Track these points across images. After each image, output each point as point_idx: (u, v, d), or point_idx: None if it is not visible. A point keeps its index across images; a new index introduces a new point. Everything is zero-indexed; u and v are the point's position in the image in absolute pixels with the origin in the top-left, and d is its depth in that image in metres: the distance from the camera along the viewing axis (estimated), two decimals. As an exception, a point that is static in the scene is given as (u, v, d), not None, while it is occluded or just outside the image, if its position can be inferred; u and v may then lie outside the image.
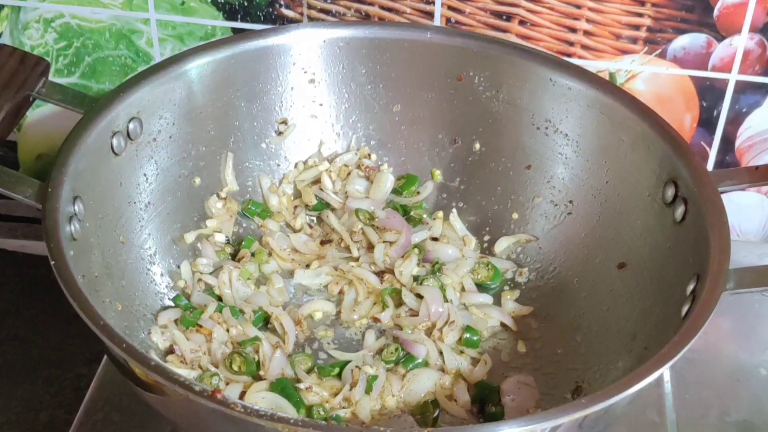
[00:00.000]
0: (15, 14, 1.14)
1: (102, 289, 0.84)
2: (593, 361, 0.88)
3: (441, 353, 0.90)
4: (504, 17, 1.07)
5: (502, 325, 0.95)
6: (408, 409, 0.87)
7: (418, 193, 1.05)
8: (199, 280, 0.97)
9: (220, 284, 0.96)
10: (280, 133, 1.04)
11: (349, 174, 1.05)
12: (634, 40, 1.06)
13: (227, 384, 0.87)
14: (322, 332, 0.95)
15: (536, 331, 0.95)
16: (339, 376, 0.89)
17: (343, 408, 0.85)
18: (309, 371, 0.90)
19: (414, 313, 0.94)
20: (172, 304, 0.94)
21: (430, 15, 1.08)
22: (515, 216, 1.01)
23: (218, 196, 1.01)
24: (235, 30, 1.10)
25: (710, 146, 1.11)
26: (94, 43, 1.14)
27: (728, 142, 1.10)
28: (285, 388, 0.86)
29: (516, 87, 0.99)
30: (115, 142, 0.90)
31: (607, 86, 0.95)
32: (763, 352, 1.05)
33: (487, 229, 1.03)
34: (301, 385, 0.87)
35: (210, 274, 0.98)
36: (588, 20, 1.06)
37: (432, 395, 0.88)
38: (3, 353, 1.08)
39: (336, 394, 0.87)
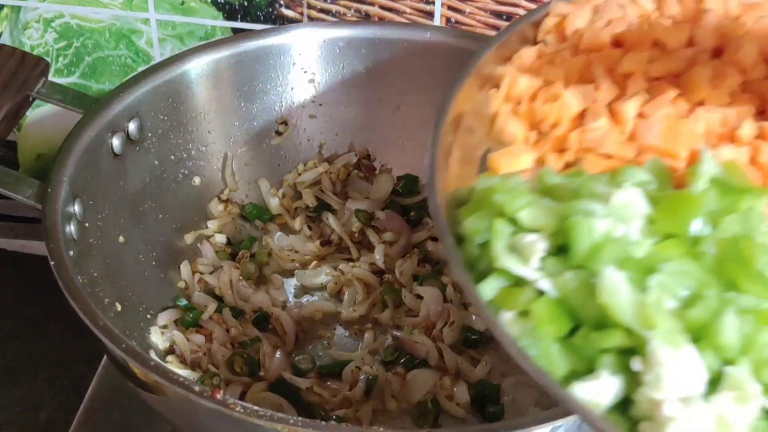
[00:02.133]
0: (15, 14, 1.14)
1: (102, 289, 0.84)
2: (593, 361, 0.88)
3: (441, 353, 0.90)
4: (504, 17, 1.07)
5: (502, 325, 0.95)
6: (408, 409, 0.87)
7: (418, 193, 1.05)
8: (200, 280, 0.97)
9: (221, 284, 0.96)
10: (280, 134, 1.04)
11: (348, 175, 1.05)
12: (634, 40, 1.06)
13: (227, 384, 0.87)
14: (322, 332, 0.95)
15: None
16: (339, 376, 0.89)
17: (343, 408, 0.85)
18: (309, 371, 0.90)
19: (414, 314, 0.94)
20: (172, 305, 0.94)
21: (430, 15, 1.08)
22: (515, 216, 1.01)
23: (219, 199, 1.01)
24: (235, 30, 1.10)
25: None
26: (94, 43, 1.14)
27: (728, 142, 1.10)
28: (285, 388, 0.86)
29: (516, 87, 0.98)
30: (115, 142, 0.90)
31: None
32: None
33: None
34: (302, 386, 0.87)
35: (210, 274, 0.98)
36: (588, 20, 1.05)
37: (432, 395, 0.88)
38: (3, 353, 1.08)
39: (336, 395, 0.87)
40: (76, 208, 0.84)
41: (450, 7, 1.07)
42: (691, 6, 0.72)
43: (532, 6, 1.05)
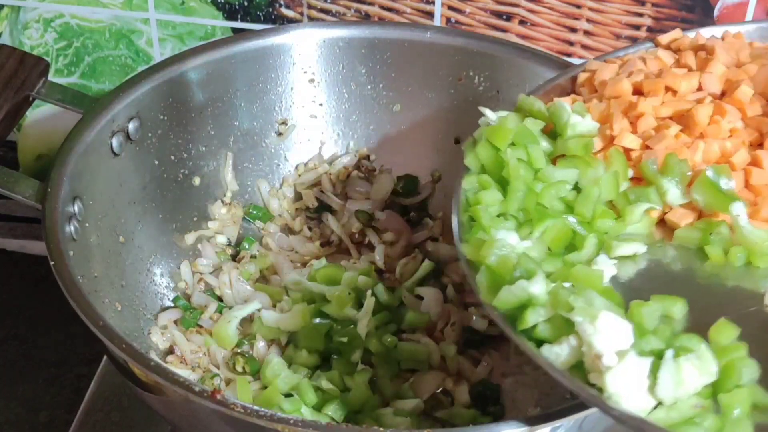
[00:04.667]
0: (15, 14, 1.14)
1: (102, 289, 0.84)
2: (593, 361, 0.88)
3: (441, 353, 0.90)
4: (504, 17, 1.07)
5: (503, 325, 0.95)
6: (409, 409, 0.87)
7: (419, 193, 1.05)
8: (200, 280, 0.97)
9: (221, 284, 0.96)
10: (279, 134, 1.04)
11: (348, 176, 1.05)
12: (634, 40, 1.06)
13: (227, 384, 0.87)
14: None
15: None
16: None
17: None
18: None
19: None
20: (172, 305, 0.94)
21: (430, 15, 1.08)
22: (515, 216, 1.01)
23: (222, 201, 1.01)
24: (235, 30, 1.11)
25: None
26: (94, 43, 1.14)
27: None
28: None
29: (516, 87, 0.98)
30: (115, 142, 0.90)
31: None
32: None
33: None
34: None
35: (210, 274, 0.98)
36: (588, 20, 1.06)
37: (433, 395, 0.88)
38: (3, 353, 1.08)
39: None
40: (76, 208, 0.84)
41: (450, 7, 1.07)
42: (703, 58, 0.83)
43: (532, 6, 1.06)
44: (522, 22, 1.07)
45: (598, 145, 0.78)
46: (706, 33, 0.87)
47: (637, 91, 0.82)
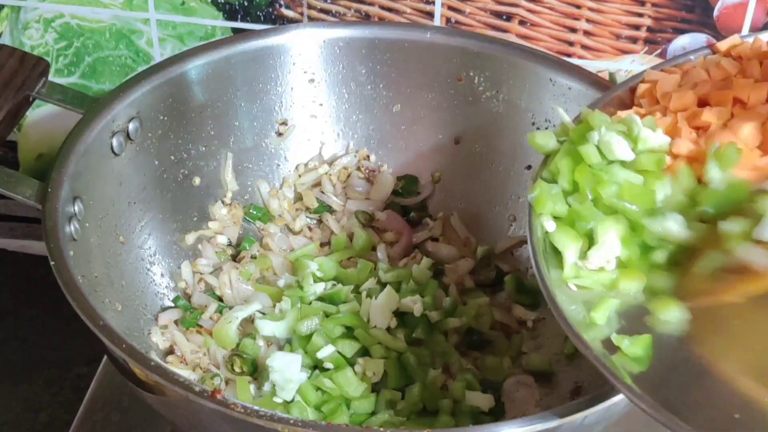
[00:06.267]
0: (15, 14, 1.14)
1: (102, 289, 0.84)
2: (593, 361, 0.88)
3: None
4: (504, 17, 1.07)
5: (503, 324, 0.95)
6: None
7: (419, 193, 1.05)
8: (200, 280, 0.97)
9: (221, 285, 0.96)
10: (280, 134, 1.04)
11: (349, 176, 1.05)
12: (634, 40, 1.06)
13: (227, 384, 0.87)
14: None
15: (536, 331, 0.95)
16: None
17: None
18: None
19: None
20: (173, 305, 0.95)
21: (430, 15, 1.08)
22: (515, 216, 1.01)
23: (223, 202, 1.01)
24: (235, 30, 1.11)
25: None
26: (94, 43, 1.14)
27: (728, 142, 1.10)
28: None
29: (516, 87, 0.99)
30: (115, 142, 0.90)
31: (607, 86, 0.95)
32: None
33: (488, 229, 1.03)
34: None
35: (210, 274, 0.98)
36: (588, 20, 1.06)
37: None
38: (3, 353, 1.08)
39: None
40: (76, 208, 0.84)
41: (450, 7, 1.07)
42: None
43: (532, 6, 1.06)
44: (522, 22, 1.07)
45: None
46: (765, 38, 0.83)
47: (703, 103, 0.79)
